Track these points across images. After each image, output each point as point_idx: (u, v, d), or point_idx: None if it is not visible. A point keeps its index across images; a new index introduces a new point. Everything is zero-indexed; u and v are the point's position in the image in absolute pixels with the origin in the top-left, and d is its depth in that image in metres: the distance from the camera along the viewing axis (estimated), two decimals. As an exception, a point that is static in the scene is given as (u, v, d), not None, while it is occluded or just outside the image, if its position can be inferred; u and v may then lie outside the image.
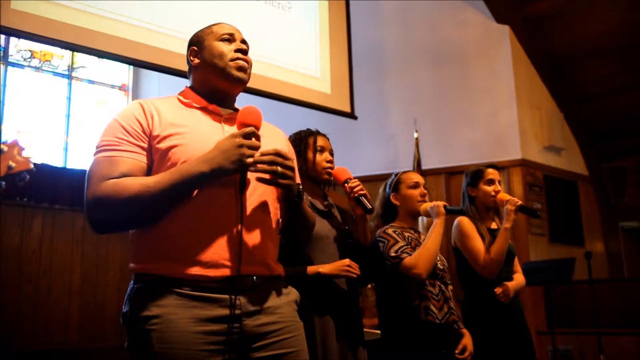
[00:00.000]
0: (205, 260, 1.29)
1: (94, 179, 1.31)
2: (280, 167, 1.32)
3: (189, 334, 1.25)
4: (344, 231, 2.10)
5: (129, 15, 4.05)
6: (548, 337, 4.56)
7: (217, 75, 1.48)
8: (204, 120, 1.43)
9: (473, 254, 2.47)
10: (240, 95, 1.60)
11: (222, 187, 1.33)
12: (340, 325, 1.94)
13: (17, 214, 4.75)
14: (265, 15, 4.93)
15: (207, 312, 1.28)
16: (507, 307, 2.46)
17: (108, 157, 1.33)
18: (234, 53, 1.48)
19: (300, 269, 1.94)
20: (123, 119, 1.38)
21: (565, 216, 5.96)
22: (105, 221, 1.33)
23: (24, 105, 5.86)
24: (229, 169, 1.29)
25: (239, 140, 1.30)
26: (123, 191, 1.28)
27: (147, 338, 1.25)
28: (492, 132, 5.70)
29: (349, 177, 2.08)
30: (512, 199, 2.48)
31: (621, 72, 5.87)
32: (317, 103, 5.16)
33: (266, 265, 1.38)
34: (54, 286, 4.83)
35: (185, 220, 1.31)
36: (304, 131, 2.17)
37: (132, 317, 1.29)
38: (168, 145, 1.34)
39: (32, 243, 4.79)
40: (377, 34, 6.31)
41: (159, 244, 1.31)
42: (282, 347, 1.35)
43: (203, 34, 1.54)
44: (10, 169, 1.21)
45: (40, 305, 4.72)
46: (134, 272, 1.35)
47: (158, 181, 1.29)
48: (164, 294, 1.28)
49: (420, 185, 2.33)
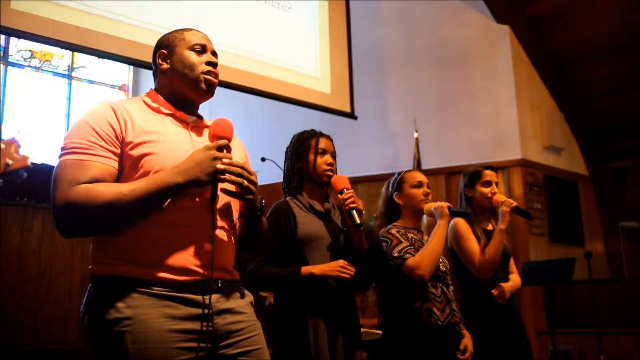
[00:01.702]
0: (176, 266, 1.31)
1: (64, 182, 1.30)
2: (246, 182, 1.34)
3: (164, 332, 1.26)
4: (342, 232, 2.10)
5: (129, 15, 4.05)
6: (548, 337, 4.56)
7: (186, 86, 1.48)
8: (172, 128, 1.44)
9: (468, 255, 2.48)
10: (241, 96, 1.60)
11: (192, 196, 1.35)
12: (333, 326, 1.94)
13: (17, 214, 4.74)
14: (265, 15, 4.93)
15: (180, 311, 1.29)
16: (503, 307, 2.46)
17: (78, 160, 1.32)
18: (205, 66, 1.48)
19: (295, 269, 1.94)
20: (95, 122, 1.36)
21: (565, 216, 5.96)
22: (75, 226, 1.32)
23: (24, 105, 5.86)
24: (203, 180, 1.31)
25: (214, 153, 1.32)
26: (97, 197, 1.27)
27: (118, 340, 1.24)
28: (492, 132, 5.70)
29: (346, 187, 2.03)
30: (507, 201, 2.48)
31: (621, 72, 5.87)
32: (317, 103, 5.16)
33: (228, 271, 1.43)
34: (54, 286, 4.83)
35: (156, 227, 1.32)
36: (307, 132, 2.16)
37: (100, 321, 1.28)
38: (141, 152, 1.34)
39: (32, 243, 4.79)
40: (377, 34, 6.31)
41: (128, 249, 1.31)
42: (248, 344, 1.39)
43: (175, 39, 1.53)
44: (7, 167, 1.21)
45: (40, 305, 4.72)
46: (96, 274, 1.34)
47: (133, 189, 1.29)
48: (134, 295, 1.28)
49: (424, 185, 2.33)
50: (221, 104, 5.53)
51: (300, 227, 2.00)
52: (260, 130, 6.52)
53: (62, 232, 1.33)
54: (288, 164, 2.15)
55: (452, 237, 2.56)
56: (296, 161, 2.11)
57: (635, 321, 4.83)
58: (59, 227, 1.32)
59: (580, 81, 6.12)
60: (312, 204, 2.07)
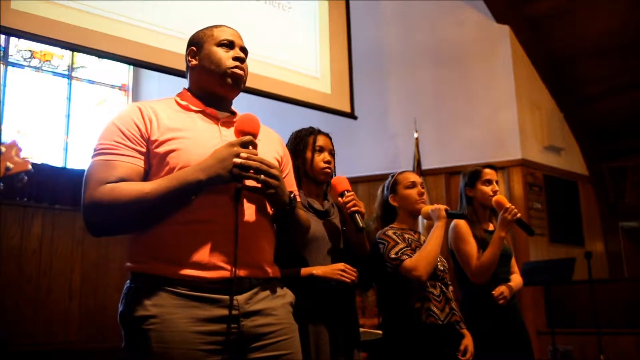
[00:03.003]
0: (203, 263, 1.30)
1: (92, 183, 1.32)
2: (264, 176, 1.32)
3: (188, 333, 1.26)
4: (342, 232, 2.09)
5: (129, 15, 4.05)
6: (548, 337, 4.56)
7: (213, 81, 1.49)
8: (201, 125, 1.44)
9: (465, 258, 2.48)
10: (241, 96, 1.60)
11: (218, 192, 1.34)
12: (334, 327, 1.92)
13: (17, 214, 4.75)
14: (265, 15, 4.93)
15: (205, 312, 1.28)
16: (504, 307, 2.46)
17: (105, 160, 1.34)
18: (232, 61, 1.48)
19: (294, 270, 1.92)
20: (121, 123, 1.38)
21: (565, 216, 5.96)
22: (101, 225, 1.34)
23: (24, 105, 5.86)
24: (225, 177, 1.30)
25: (237, 149, 1.31)
26: (120, 196, 1.29)
27: (144, 338, 1.26)
28: (492, 132, 5.70)
29: (347, 189, 2.00)
30: (511, 209, 2.42)
31: (621, 72, 5.87)
32: (317, 103, 5.16)
33: (262, 268, 1.40)
34: (54, 286, 4.83)
35: (182, 224, 1.32)
36: (305, 130, 2.14)
37: (129, 316, 1.30)
38: (166, 150, 1.35)
39: (32, 243, 4.79)
40: (377, 34, 6.31)
41: (155, 246, 1.32)
42: (278, 348, 1.36)
43: (204, 36, 1.54)
44: (8, 170, 1.21)
45: (40, 305, 4.72)
46: (131, 271, 1.36)
47: (155, 188, 1.30)
48: (161, 294, 1.28)
49: (417, 185, 2.32)
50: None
51: None
52: (260, 130, 6.52)
53: (90, 231, 1.35)
54: None
55: (452, 238, 2.55)
56: (294, 159, 2.10)
57: (635, 321, 4.83)
58: (87, 226, 1.34)
59: (580, 81, 6.12)
60: (311, 202, 2.04)
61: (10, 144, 1.22)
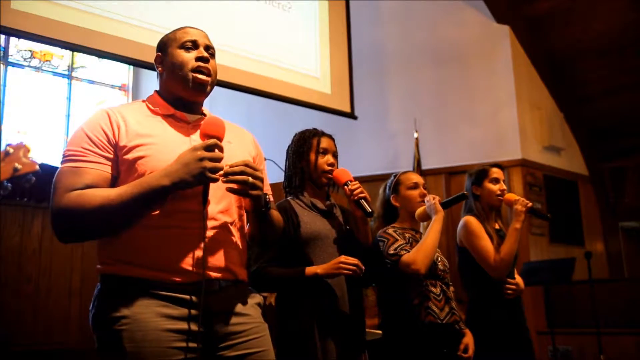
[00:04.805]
0: (173, 267, 1.32)
1: (59, 190, 1.34)
2: (251, 178, 1.33)
3: (159, 332, 1.27)
4: (345, 231, 2.09)
5: (129, 15, 4.05)
6: (548, 337, 4.56)
7: (179, 85, 1.48)
8: (170, 130, 1.44)
9: (483, 254, 2.46)
10: (241, 96, 1.60)
11: (186, 198, 1.34)
12: (340, 327, 1.92)
13: (17, 214, 4.74)
14: (265, 15, 4.93)
15: (176, 311, 1.30)
16: (511, 307, 2.46)
17: (73, 167, 1.35)
18: (194, 62, 1.47)
19: (298, 269, 1.92)
20: (89, 129, 1.39)
21: (565, 216, 5.96)
22: (68, 231, 1.35)
23: (24, 105, 5.86)
24: (190, 182, 1.30)
25: (201, 153, 1.30)
26: (85, 203, 1.29)
27: (117, 338, 1.27)
28: (492, 132, 5.69)
29: (350, 179, 2.02)
30: (522, 200, 2.47)
31: (621, 72, 5.86)
32: (317, 103, 5.16)
33: (231, 271, 1.41)
34: (54, 286, 4.83)
35: (151, 229, 1.33)
36: (309, 131, 2.14)
37: (101, 318, 1.31)
38: (135, 156, 1.36)
39: (32, 243, 4.79)
40: (377, 34, 6.30)
41: (125, 250, 1.33)
42: (249, 347, 1.38)
43: (167, 40, 1.54)
44: (16, 171, 1.21)
45: (40, 305, 4.71)
46: (101, 273, 1.37)
47: (120, 194, 1.30)
48: (132, 295, 1.30)
49: (420, 186, 2.32)
50: (221, 104, 5.54)
51: (303, 226, 1.99)
52: (260, 130, 6.49)
53: (58, 237, 1.36)
54: (289, 163, 2.13)
55: (463, 235, 2.53)
56: (297, 160, 2.09)
57: (635, 321, 4.83)
58: (55, 232, 1.35)
59: (580, 81, 6.12)
60: (315, 202, 2.06)
61: (18, 144, 1.22)
